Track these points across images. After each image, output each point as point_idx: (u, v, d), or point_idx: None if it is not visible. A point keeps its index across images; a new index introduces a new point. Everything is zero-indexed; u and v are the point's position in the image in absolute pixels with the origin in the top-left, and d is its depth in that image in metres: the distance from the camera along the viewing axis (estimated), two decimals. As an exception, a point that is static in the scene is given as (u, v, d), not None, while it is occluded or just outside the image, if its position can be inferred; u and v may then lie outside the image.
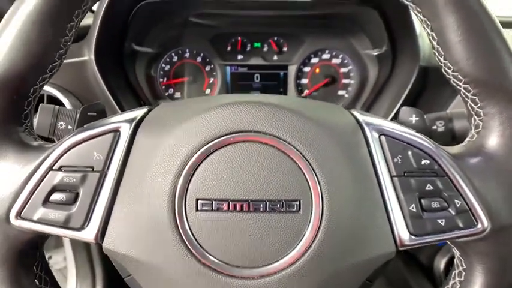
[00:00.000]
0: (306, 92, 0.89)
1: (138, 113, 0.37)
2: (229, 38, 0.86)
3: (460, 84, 0.34)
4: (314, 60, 0.87)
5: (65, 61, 0.71)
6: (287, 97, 0.39)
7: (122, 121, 0.35)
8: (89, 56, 0.69)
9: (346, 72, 0.87)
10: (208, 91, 0.89)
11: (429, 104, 0.73)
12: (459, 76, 0.34)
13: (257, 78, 0.88)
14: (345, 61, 0.87)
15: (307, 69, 0.88)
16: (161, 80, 0.88)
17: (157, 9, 0.76)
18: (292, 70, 0.87)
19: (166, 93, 0.89)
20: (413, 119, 0.44)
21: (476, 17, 0.32)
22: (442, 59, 0.34)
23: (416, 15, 0.35)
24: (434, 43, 0.34)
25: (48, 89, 0.70)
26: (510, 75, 0.33)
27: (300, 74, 0.88)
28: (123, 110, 0.72)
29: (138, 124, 0.36)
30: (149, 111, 0.38)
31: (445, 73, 0.35)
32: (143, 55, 0.84)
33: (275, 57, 0.88)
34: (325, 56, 0.87)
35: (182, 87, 0.89)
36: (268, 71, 0.88)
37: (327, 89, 0.88)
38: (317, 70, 0.88)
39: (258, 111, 0.33)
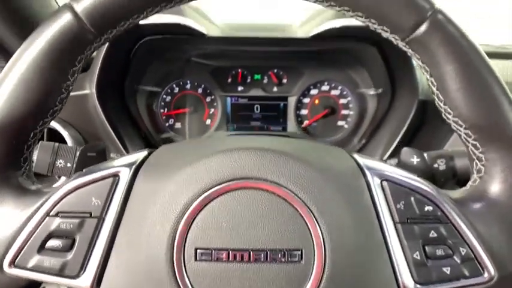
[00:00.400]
0: (305, 122, 0.89)
1: (138, 156, 0.37)
2: (230, 70, 0.87)
3: (461, 129, 0.34)
4: (313, 91, 0.88)
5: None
6: (288, 140, 0.39)
7: (121, 165, 0.35)
8: (90, 89, 0.69)
9: (345, 104, 0.88)
10: (208, 121, 0.90)
11: (428, 137, 0.73)
12: (459, 121, 0.34)
13: (257, 109, 0.89)
14: (344, 92, 0.88)
15: (306, 100, 0.88)
16: (162, 110, 0.89)
17: (158, 46, 0.77)
18: (292, 101, 0.88)
19: (167, 124, 0.89)
20: (415, 160, 0.44)
21: (474, 65, 0.32)
22: (442, 104, 0.35)
23: (415, 61, 0.35)
24: (434, 89, 0.35)
25: (48, 121, 0.70)
26: (510, 122, 0.33)
27: (299, 105, 0.88)
28: (123, 143, 0.72)
29: (137, 168, 0.35)
30: (149, 154, 0.38)
31: (445, 118, 0.35)
32: (144, 86, 0.84)
33: (275, 89, 0.88)
34: (325, 87, 0.88)
35: (183, 118, 0.89)
36: (268, 102, 0.88)
37: (326, 119, 0.89)
38: (316, 101, 0.88)
39: (259, 158, 0.32)
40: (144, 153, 0.37)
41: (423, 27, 0.32)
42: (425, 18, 0.32)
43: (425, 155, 0.49)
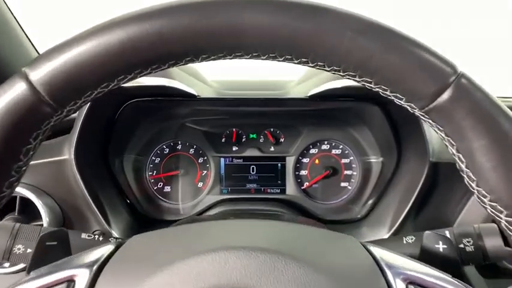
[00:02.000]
0: (306, 184, 0.82)
1: (103, 252, 0.30)
2: (224, 130, 0.83)
3: (501, 216, 0.28)
4: (313, 150, 0.82)
5: (42, 160, 0.66)
6: (287, 228, 0.32)
7: (79, 266, 0.28)
8: (69, 155, 0.63)
9: (348, 163, 0.82)
10: (200, 184, 0.83)
11: (442, 201, 0.66)
12: (498, 207, 0.27)
13: (253, 170, 0.83)
14: (346, 152, 0.82)
15: (306, 160, 0.83)
16: (150, 173, 0.82)
17: (146, 108, 0.73)
18: (290, 161, 0.82)
19: (156, 188, 0.82)
20: (441, 246, 0.37)
21: (511, 139, 0.27)
22: (474, 185, 0.28)
23: (436, 132, 0.30)
24: (463, 166, 0.28)
25: (20, 190, 0.63)
26: None
27: (298, 166, 0.83)
28: (104, 213, 0.65)
29: (100, 268, 0.28)
30: (117, 248, 0.30)
31: (479, 201, 0.29)
32: (131, 149, 0.79)
33: (272, 148, 0.83)
34: (325, 146, 0.82)
35: (173, 181, 0.83)
36: (265, 163, 0.82)
37: (328, 180, 0.82)
38: (317, 161, 0.82)
39: (252, 261, 0.25)
40: (110, 248, 0.30)
41: (446, 95, 0.27)
42: (447, 84, 0.27)
43: (446, 233, 0.42)
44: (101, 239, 0.48)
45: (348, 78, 0.29)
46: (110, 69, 0.27)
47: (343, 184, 0.82)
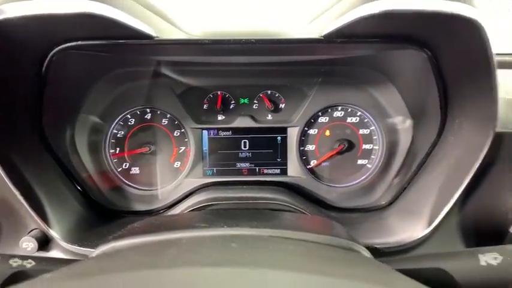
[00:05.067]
0: (313, 162, 0.65)
1: None
2: (206, 93, 0.63)
3: None
4: (323, 119, 0.64)
5: None
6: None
7: None
8: None
9: (368, 135, 0.64)
10: (177, 164, 0.65)
11: (499, 181, 0.49)
12: None
13: (245, 146, 0.65)
14: (365, 120, 0.64)
15: (313, 131, 0.65)
16: (112, 151, 0.63)
17: (88, 59, 0.51)
18: (293, 133, 0.64)
19: (119, 169, 0.64)
20: None
21: None
22: None
23: None
24: None
25: None
26: None
27: (303, 139, 0.65)
28: (39, 207, 0.47)
29: None
30: None
31: None
32: (84, 118, 0.59)
33: (269, 117, 0.65)
34: (338, 113, 0.64)
35: (141, 160, 0.64)
36: (260, 136, 0.64)
37: (341, 157, 0.65)
38: (327, 132, 0.65)
39: None
40: None
41: None
42: None
43: None
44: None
45: None
46: None
47: (361, 161, 0.65)
